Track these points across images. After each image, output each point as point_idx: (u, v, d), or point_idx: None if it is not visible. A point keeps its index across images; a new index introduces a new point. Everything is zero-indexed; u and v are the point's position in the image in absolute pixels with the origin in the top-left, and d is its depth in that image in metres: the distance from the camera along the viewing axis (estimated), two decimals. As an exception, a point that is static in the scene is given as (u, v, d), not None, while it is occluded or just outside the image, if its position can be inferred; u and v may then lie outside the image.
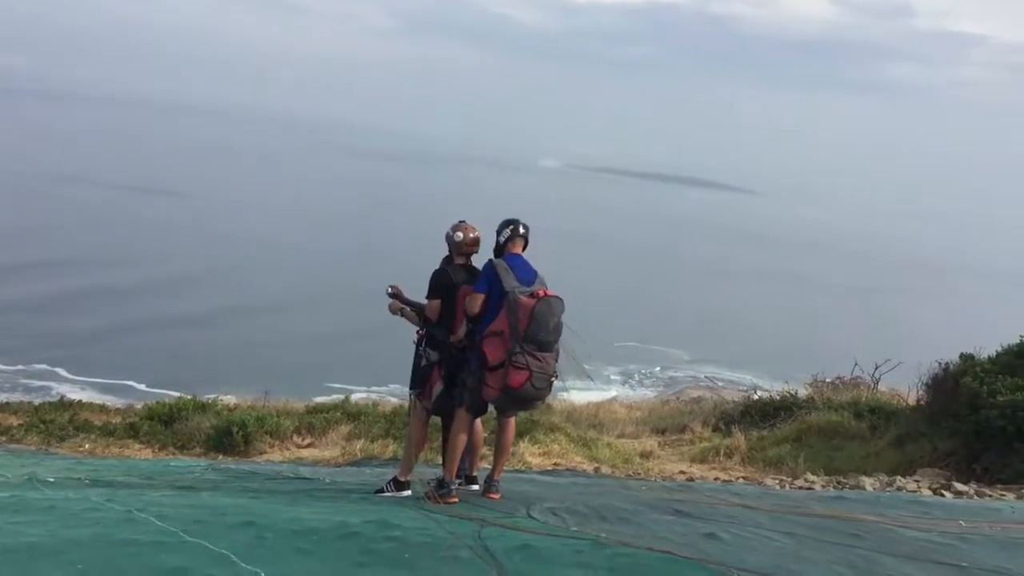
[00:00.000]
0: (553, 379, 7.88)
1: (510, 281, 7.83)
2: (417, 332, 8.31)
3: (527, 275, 7.99)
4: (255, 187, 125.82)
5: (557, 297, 7.84)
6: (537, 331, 7.65)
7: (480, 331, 7.92)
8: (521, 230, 8.21)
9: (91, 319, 55.29)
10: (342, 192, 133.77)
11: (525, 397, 7.86)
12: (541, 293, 7.78)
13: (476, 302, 7.91)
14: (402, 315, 8.36)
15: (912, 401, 16.46)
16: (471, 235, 8.27)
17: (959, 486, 11.62)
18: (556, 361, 7.88)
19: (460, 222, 8.38)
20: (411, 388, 8.45)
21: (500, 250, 8.17)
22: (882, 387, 19.43)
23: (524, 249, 8.27)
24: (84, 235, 77.49)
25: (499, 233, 8.18)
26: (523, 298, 7.72)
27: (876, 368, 20.40)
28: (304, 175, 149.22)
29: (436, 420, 8.72)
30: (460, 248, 8.26)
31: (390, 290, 8.41)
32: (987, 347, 15.25)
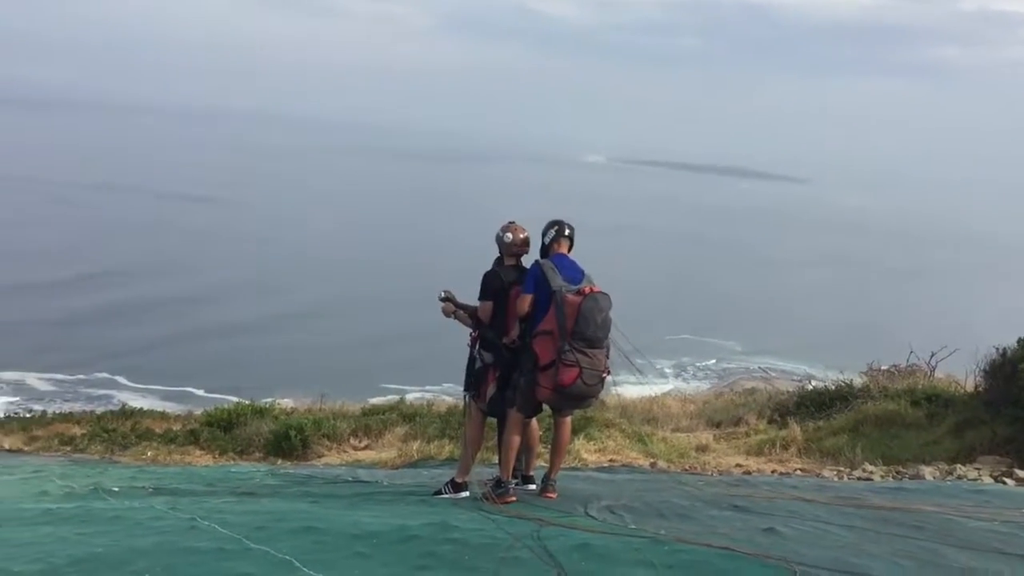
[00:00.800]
0: (605, 375, 7.90)
1: (557, 280, 7.88)
2: (471, 334, 8.37)
3: (574, 274, 8.02)
4: (300, 192, 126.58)
5: (603, 293, 7.87)
6: (585, 327, 7.68)
7: (530, 331, 7.97)
8: (566, 231, 8.26)
9: (146, 328, 56.01)
10: (387, 194, 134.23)
11: (578, 395, 7.89)
12: (587, 290, 7.81)
13: (525, 302, 7.97)
14: (455, 317, 8.41)
15: (970, 387, 16.23)
16: (520, 235, 8.31)
17: (1020, 473, 11.45)
18: (607, 358, 7.91)
19: (509, 223, 8.42)
20: (465, 390, 8.52)
21: (545, 251, 8.23)
22: (939, 374, 19.13)
23: (570, 249, 8.32)
24: (133, 245, 78.38)
25: (544, 234, 8.24)
26: (569, 296, 7.76)
27: (932, 355, 20.10)
28: (348, 179, 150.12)
29: (492, 421, 8.79)
30: (510, 249, 8.30)
31: (443, 294, 8.46)
32: (1044, 330, 15.02)
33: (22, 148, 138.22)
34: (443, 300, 8.43)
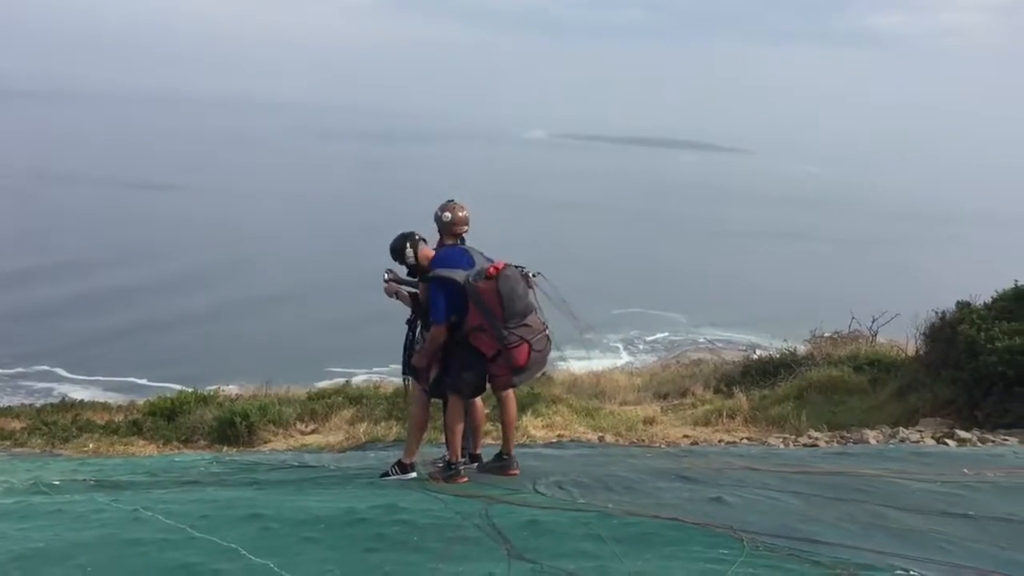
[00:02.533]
0: (547, 332, 7.88)
1: (459, 275, 7.77)
2: (411, 312, 8.28)
3: (463, 260, 7.92)
4: (241, 175, 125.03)
5: (509, 265, 7.77)
6: (512, 305, 7.61)
7: (458, 328, 7.84)
8: (416, 236, 8.07)
9: (90, 320, 55.22)
10: (328, 175, 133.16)
11: (535, 363, 7.90)
12: (492, 270, 7.71)
13: (440, 335, 7.83)
14: (397, 297, 8.32)
15: (911, 352, 16.49)
16: (460, 214, 8.20)
17: (962, 434, 11.66)
18: (540, 313, 7.87)
19: (448, 201, 8.31)
20: (404, 372, 8.43)
21: (416, 268, 8.05)
22: (881, 339, 19.43)
23: (451, 237, 8.19)
24: (79, 236, 77.20)
25: (404, 257, 8.02)
26: (480, 284, 7.65)
27: (874, 321, 20.41)
28: (288, 160, 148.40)
29: (438, 400, 8.74)
30: (450, 228, 8.19)
31: (387, 275, 8.34)
32: (983, 294, 15.25)
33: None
34: (387, 281, 8.31)
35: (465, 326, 7.78)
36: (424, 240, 8.10)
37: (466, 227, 8.25)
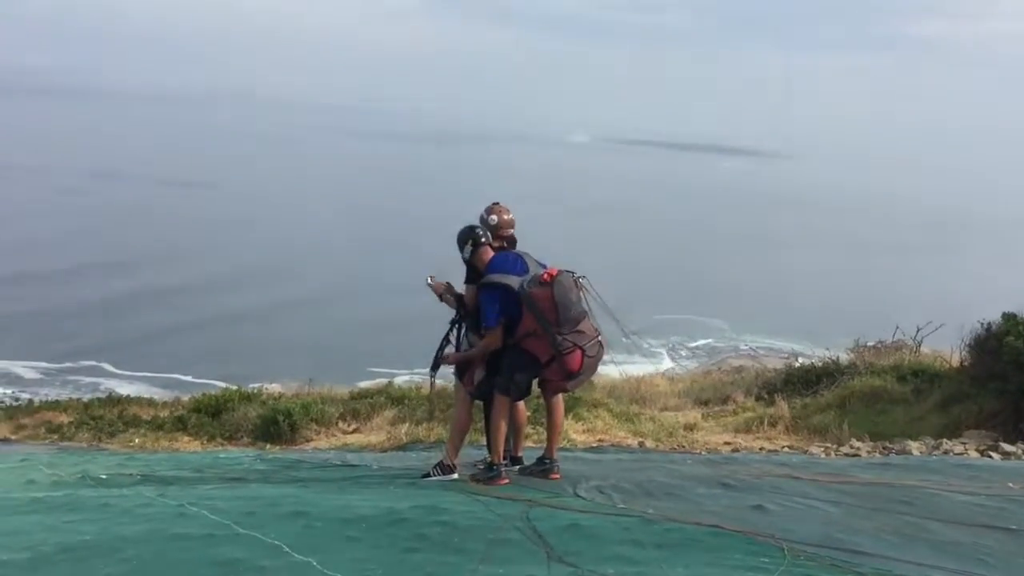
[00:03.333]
0: (599, 337, 7.91)
1: (512, 281, 7.80)
2: (456, 313, 8.33)
3: (517, 266, 7.95)
4: (283, 175, 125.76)
5: (564, 271, 7.78)
6: (567, 312, 7.64)
7: (510, 335, 7.89)
8: (481, 236, 8.07)
9: (135, 319, 55.69)
10: (373, 177, 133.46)
11: (588, 369, 7.94)
12: (546, 276, 7.73)
13: (495, 340, 7.89)
14: (442, 299, 8.37)
15: (956, 363, 16.33)
16: (505, 216, 8.23)
17: (1006, 447, 11.55)
18: (591, 322, 7.90)
19: (493, 204, 8.35)
20: (432, 369, 8.49)
21: (472, 264, 8.08)
22: (925, 349, 19.24)
23: (505, 242, 8.22)
24: (125, 233, 77.87)
25: (461, 251, 8.06)
26: (535, 291, 7.66)
27: (918, 331, 20.22)
28: (334, 161, 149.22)
29: (480, 403, 8.80)
30: (496, 231, 8.23)
31: (429, 280, 8.39)
32: (1031, 305, 15.05)
33: (17, 136, 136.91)
34: (429, 286, 8.35)
35: (518, 331, 7.82)
36: (488, 241, 8.10)
37: (512, 229, 8.28)
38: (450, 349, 8.41)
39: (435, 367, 8.41)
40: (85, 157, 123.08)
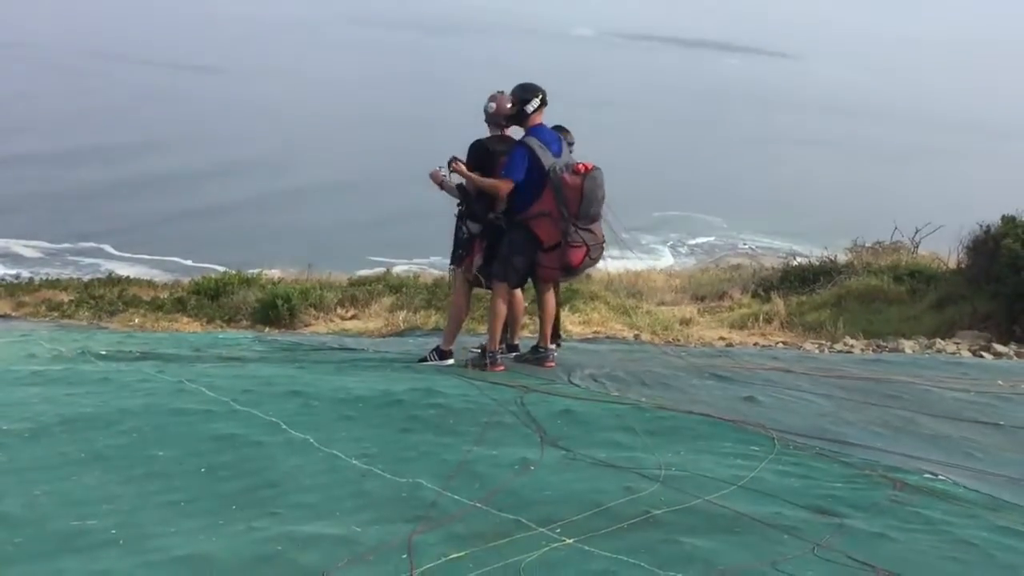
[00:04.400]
0: (604, 243, 7.94)
1: (548, 158, 7.75)
2: (457, 205, 8.31)
3: (556, 146, 7.91)
4: (284, 62, 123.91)
5: (598, 168, 7.79)
6: (589, 207, 7.66)
7: (520, 209, 7.88)
8: (546, 98, 8.02)
9: (134, 202, 55.53)
10: (370, 65, 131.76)
11: (584, 269, 8.06)
12: (583, 168, 7.72)
13: (506, 187, 7.80)
14: (443, 187, 8.33)
15: (953, 264, 16.38)
16: (507, 106, 8.17)
17: (999, 347, 11.65)
18: (601, 227, 7.92)
19: (498, 92, 8.27)
20: (451, 263, 8.50)
21: (524, 119, 7.96)
22: (922, 251, 19.28)
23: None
24: (128, 117, 77.18)
25: (526, 102, 7.90)
26: (568, 176, 7.65)
27: (916, 232, 20.23)
28: (337, 52, 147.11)
29: (478, 291, 8.83)
30: (495, 119, 8.17)
31: (450, 165, 8.25)
32: (1030, 209, 15.02)
33: (15, 12, 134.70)
34: (450, 169, 8.22)
35: (532, 209, 7.79)
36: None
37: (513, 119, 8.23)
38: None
39: (455, 261, 8.39)
40: (86, 37, 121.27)
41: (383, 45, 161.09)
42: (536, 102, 7.93)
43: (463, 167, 8.04)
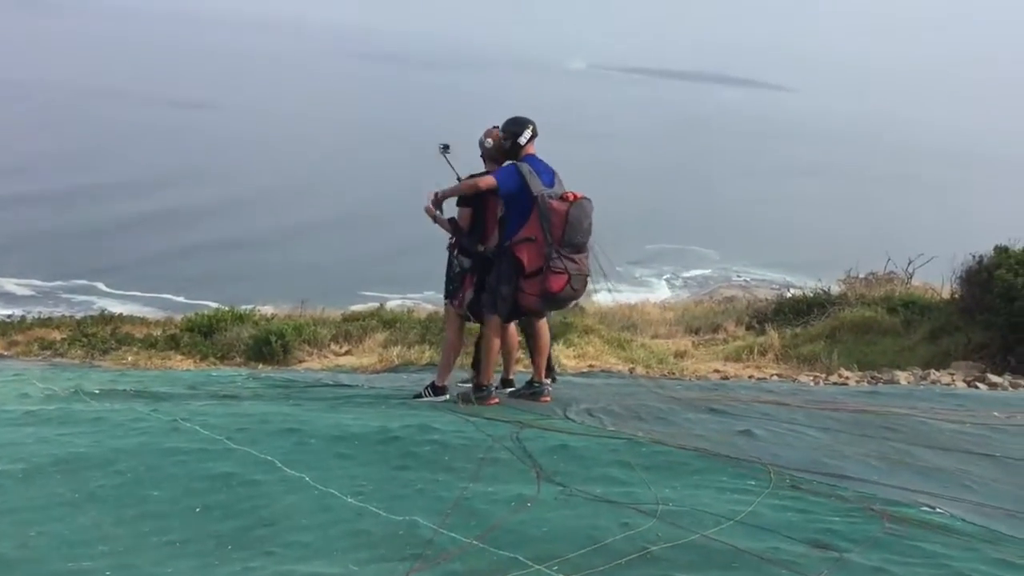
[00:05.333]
0: (588, 278, 7.95)
1: (537, 185, 7.79)
2: (449, 239, 8.33)
3: (548, 176, 7.96)
4: (277, 97, 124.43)
5: (587, 198, 7.82)
6: (573, 235, 7.67)
7: (508, 237, 7.90)
8: (537, 130, 8.10)
9: (127, 240, 55.59)
10: (363, 100, 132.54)
11: (565, 299, 8.00)
12: (571, 196, 7.76)
13: (486, 183, 7.88)
14: (436, 221, 8.36)
15: (946, 295, 16.41)
16: (502, 139, 8.22)
17: (993, 378, 11.65)
18: (588, 260, 7.93)
19: (492, 128, 8.32)
20: (445, 297, 8.51)
21: (518, 151, 8.03)
22: (916, 281, 19.30)
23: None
24: (122, 154, 77.39)
25: (517, 134, 7.99)
26: (554, 203, 7.70)
27: (910, 263, 20.26)
28: (332, 84, 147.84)
29: (472, 326, 8.84)
30: (490, 154, 8.22)
31: (434, 196, 8.34)
32: (1023, 239, 15.08)
33: (5, 51, 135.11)
34: (426, 209, 8.29)
35: (516, 235, 7.81)
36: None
37: (507, 154, 8.28)
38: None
39: (449, 295, 8.40)
40: (76, 75, 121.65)
41: (377, 80, 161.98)
42: (528, 133, 8.00)
43: (432, 208, 8.19)
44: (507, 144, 8.03)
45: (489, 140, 8.18)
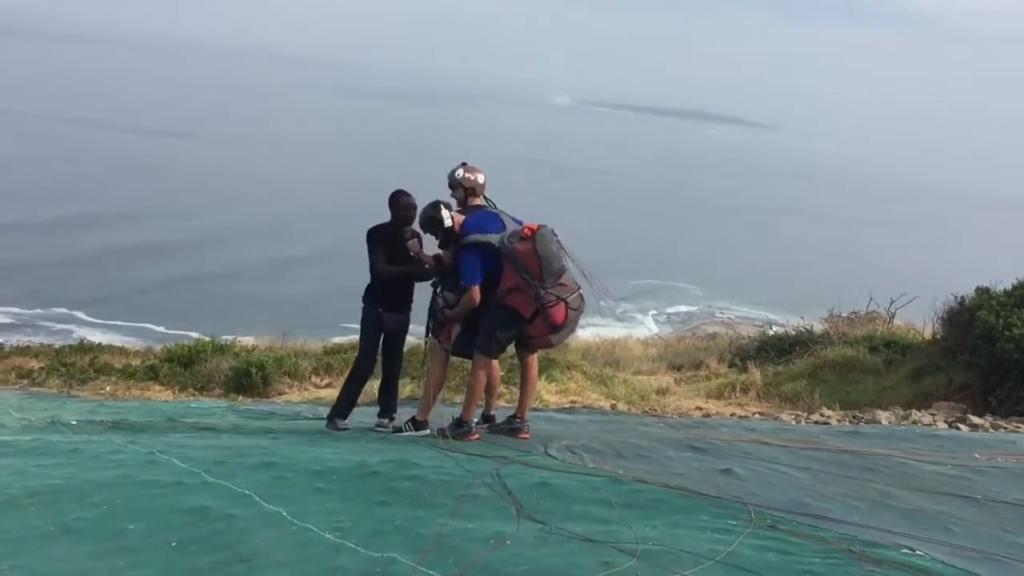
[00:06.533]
0: (580, 291, 7.97)
1: (492, 238, 7.83)
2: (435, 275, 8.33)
3: (494, 223, 7.98)
4: (257, 130, 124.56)
5: (543, 226, 7.80)
6: (550, 265, 7.68)
7: (493, 289, 7.88)
8: (448, 207, 8.09)
9: (108, 271, 55.35)
10: (353, 135, 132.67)
11: (572, 321, 7.99)
12: (527, 232, 7.74)
13: (474, 296, 7.91)
14: (419, 259, 8.40)
15: (928, 335, 16.47)
16: (474, 176, 8.24)
17: (975, 419, 11.66)
18: (570, 275, 7.94)
19: (463, 164, 8.31)
20: (428, 334, 8.47)
21: (448, 232, 8.02)
22: (898, 321, 19.39)
23: (472, 199, 8.23)
24: (111, 185, 77.28)
25: (441, 221, 7.97)
26: (517, 246, 7.69)
27: (892, 302, 20.36)
28: (315, 118, 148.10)
29: (454, 360, 8.81)
30: (477, 191, 8.22)
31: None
32: (1004, 280, 15.18)
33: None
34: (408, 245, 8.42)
35: (500, 288, 7.81)
36: (452, 208, 8.12)
37: (484, 190, 8.29)
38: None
39: (432, 331, 8.38)
40: (56, 103, 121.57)
41: (362, 113, 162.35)
42: (447, 215, 7.98)
43: (418, 247, 8.29)
44: (441, 232, 8.03)
45: (470, 175, 8.20)
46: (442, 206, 8.01)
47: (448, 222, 7.95)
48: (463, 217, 8.02)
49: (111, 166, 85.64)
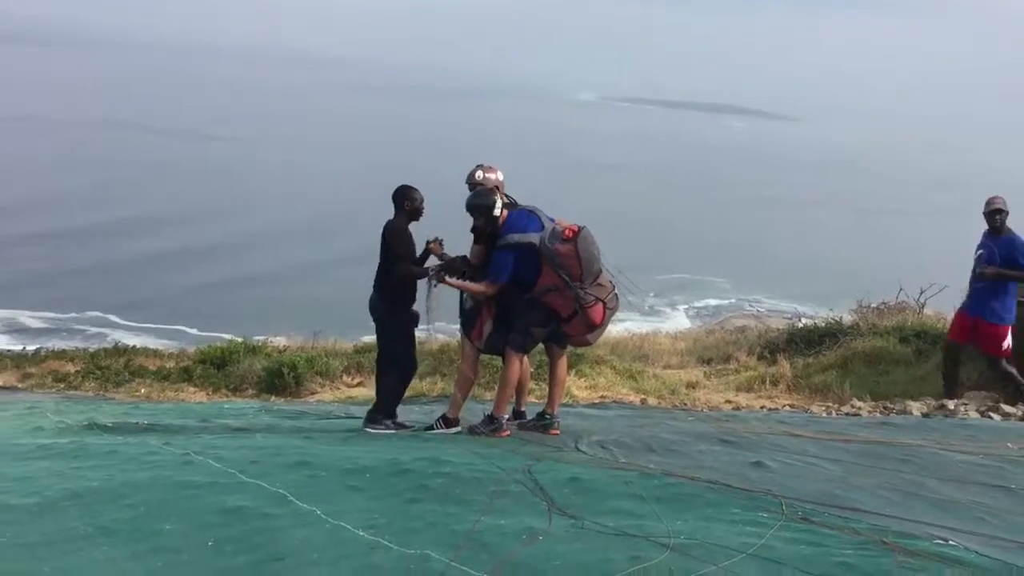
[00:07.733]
0: (615, 290, 8.03)
1: (533, 238, 7.83)
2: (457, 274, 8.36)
3: (532, 223, 7.97)
4: (286, 130, 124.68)
5: (583, 227, 7.85)
6: (591, 266, 7.73)
7: (526, 288, 7.91)
8: (504, 197, 8.10)
9: (143, 276, 55.71)
10: (378, 135, 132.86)
11: (607, 321, 8.08)
12: (568, 233, 7.77)
13: (492, 291, 7.98)
14: (441, 260, 8.45)
15: (959, 324, 16.32)
16: (492, 176, 8.30)
17: (1007, 408, 11.59)
18: (606, 272, 8.01)
19: (480, 165, 8.37)
20: (462, 328, 8.54)
21: (496, 222, 8.02)
22: (928, 311, 19.23)
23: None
24: (145, 190, 77.76)
25: (491, 208, 7.97)
26: (560, 247, 7.71)
27: (921, 292, 20.19)
28: (334, 115, 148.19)
29: (484, 358, 8.85)
30: (501, 190, 8.27)
31: (430, 244, 8.54)
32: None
33: (25, 87, 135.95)
34: (429, 246, 8.49)
35: (538, 287, 7.84)
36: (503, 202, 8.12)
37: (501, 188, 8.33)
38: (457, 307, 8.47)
39: (466, 327, 8.44)
40: (85, 108, 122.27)
41: (389, 112, 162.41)
42: (498, 203, 8.00)
43: (441, 248, 8.40)
44: (487, 224, 8.05)
45: (490, 176, 8.24)
46: (497, 195, 8.06)
47: (498, 211, 8.00)
48: (506, 213, 8.07)
49: (142, 170, 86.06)
